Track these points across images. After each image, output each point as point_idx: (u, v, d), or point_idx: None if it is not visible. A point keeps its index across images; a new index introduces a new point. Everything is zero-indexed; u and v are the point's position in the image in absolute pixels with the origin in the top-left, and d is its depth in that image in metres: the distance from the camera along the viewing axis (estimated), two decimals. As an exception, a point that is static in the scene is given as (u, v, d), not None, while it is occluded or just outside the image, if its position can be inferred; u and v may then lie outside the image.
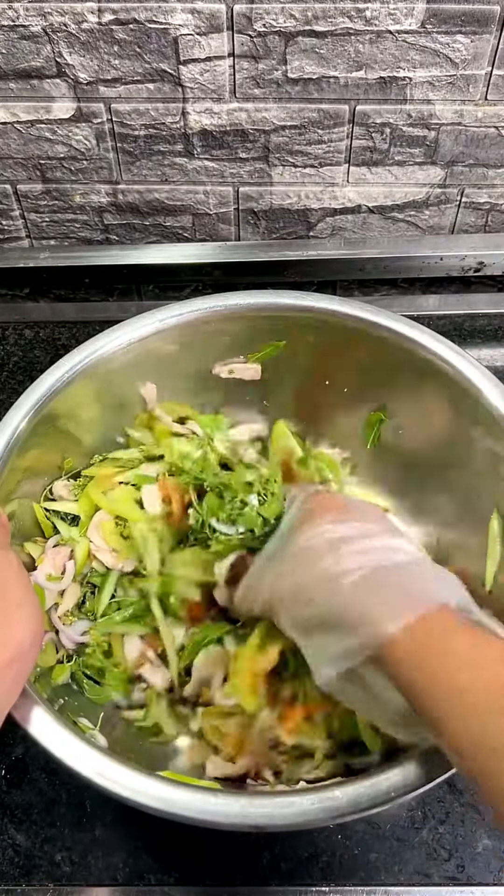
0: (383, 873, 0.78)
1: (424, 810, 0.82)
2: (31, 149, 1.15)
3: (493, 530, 0.84)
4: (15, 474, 0.81)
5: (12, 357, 1.24)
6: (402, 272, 1.25)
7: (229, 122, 1.12)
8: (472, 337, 1.27)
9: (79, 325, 1.28)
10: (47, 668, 0.81)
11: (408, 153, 1.16)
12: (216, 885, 0.78)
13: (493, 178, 1.19)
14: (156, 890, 0.78)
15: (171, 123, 1.12)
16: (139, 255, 1.23)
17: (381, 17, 1.00)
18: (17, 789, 0.84)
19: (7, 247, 1.29)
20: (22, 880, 0.78)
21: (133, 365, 0.93)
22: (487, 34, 1.02)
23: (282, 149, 1.15)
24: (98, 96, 1.09)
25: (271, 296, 0.94)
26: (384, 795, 0.61)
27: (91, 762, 0.63)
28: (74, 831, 0.81)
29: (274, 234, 1.27)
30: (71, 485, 0.91)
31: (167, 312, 0.92)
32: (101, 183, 1.20)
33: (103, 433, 0.96)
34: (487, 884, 0.78)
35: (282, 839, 0.80)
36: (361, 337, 0.92)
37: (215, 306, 0.93)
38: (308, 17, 1.00)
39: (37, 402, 0.84)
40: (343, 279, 1.29)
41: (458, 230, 1.27)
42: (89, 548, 0.85)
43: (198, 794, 0.62)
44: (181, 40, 1.03)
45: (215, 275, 1.23)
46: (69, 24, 1.01)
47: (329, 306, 0.93)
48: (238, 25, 1.01)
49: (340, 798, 0.61)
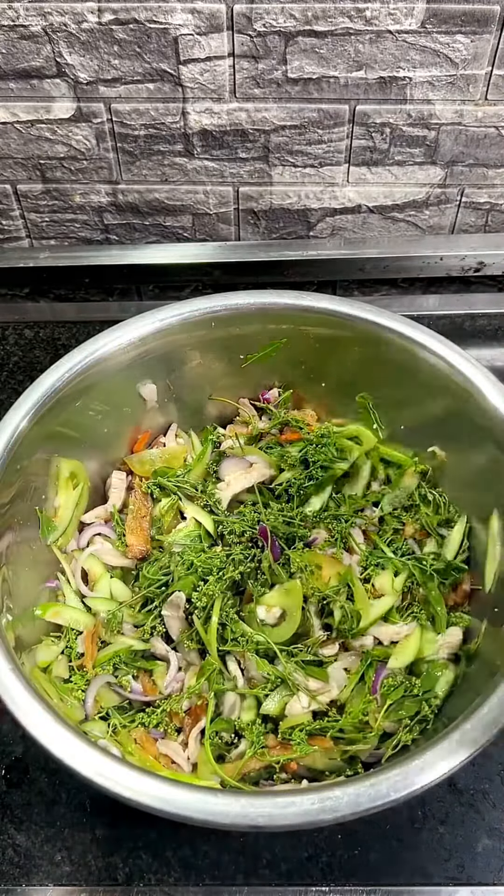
0: (383, 873, 0.78)
1: (424, 810, 0.81)
2: (31, 149, 1.15)
3: (493, 530, 0.84)
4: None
5: (12, 357, 1.24)
6: (402, 272, 1.25)
7: (229, 122, 1.12)
8: (472, 337, 1.27)
9: (79, 325, 1.28)
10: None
11: (408, 153, 1.16)
12: (216, 885, 0.78)
13: (493, 178, 1.19)
14: (156, 890, 0.78)
15: (171, 123, 1.12)
16: (139, 255, 1.23)
17: (381, 17, 1.00)
18: (17, 789, 0.84)
19: (7, 247, 1.29)
20: (22, 880, 0.78)
21: (133, 365, 0.93)
22: (487, 34, 1.02)
23: (282, 149, 1.15)
24: (98, 96, 1.09)
25: (271, 296, 0.94)
26: (384, 795, 0.61)
27: (91, 762, 0.63)
28: (74, 831, 0.81)
29: (274, 234, 1.27)
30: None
31: (167, 312, 0.92)
32: (101, 183, 1.20)
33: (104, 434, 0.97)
34: (487, 884, 0.78)
35: (282, 839, 0.80)
36: (361, 336, 0.93)
37: (215, 306, 0.93)
38: (308, 17, 1.00)
39: (37, 402, 0.84)
40: (343, 279, 1.29)
41: (458, 230, 1.27)
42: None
43: (198, 794, 0.62)
44: (181, 40, 1.03)
45: (215, 275, 1.23)
46: (69, 24, 1.01)
47: (329, 306, 0.93)
48: (238, 25, 1.01)
49: (340, 798, 0.61)
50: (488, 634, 0.81)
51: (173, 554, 0.89)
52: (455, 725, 0.65)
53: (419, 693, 0.81)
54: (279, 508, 0.92)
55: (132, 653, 0.85)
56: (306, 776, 0.79)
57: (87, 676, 0.83)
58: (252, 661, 0.81)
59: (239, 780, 0.76)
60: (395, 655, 0.84)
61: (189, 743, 0.80)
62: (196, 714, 0.82)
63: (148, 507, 0.95)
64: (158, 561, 0.90)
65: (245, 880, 0.78)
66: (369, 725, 0.79)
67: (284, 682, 0.80)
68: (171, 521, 0.95)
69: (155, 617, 0.87)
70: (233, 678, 0.82)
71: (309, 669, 0.81)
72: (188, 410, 1.04)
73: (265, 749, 0.78)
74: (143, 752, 0.79)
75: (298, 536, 0.89)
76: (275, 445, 0.99)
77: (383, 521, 0.97)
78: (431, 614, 0.87)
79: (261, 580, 0.86)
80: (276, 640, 0.82)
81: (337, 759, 0.78)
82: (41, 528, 0.88)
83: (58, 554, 0.90)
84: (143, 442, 1.01)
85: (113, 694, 0.84)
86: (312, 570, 0.86)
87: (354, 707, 0.80)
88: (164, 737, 0.82)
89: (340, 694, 0.82)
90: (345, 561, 0.90)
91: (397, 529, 0.95)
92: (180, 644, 0.85)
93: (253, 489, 0.96)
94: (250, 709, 0.81)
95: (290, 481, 0.95)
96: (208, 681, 0.81)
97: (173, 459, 1.00)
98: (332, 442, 0.98)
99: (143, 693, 0.84)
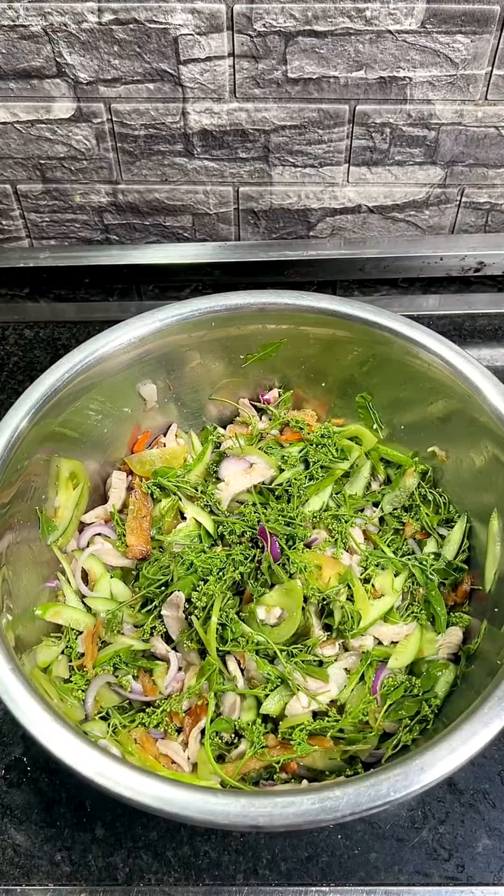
0: (383, 873, 0.78)
1: (424, 810, 0.81)
2: (31, 149, 1.15)
3: (493, 530, 0.84)
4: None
5: (12, 357, 1.24)
6: (402, 272, 1.25)
7: (229, 122, 1.12)
8: (472, 337, 1.27)
9: (79, 325, 1.28)
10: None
11: (408, 153, 1.16)
12: (216, 885, 0.78)
13: (493, 178, 1.19)
14: (156, 890, 0.78)
15: (171, 123, 1.12)
16: (139, 255, 1.23)
17: (381, 17, 1.00)
18: (17, 789, 0.84)
19: (7, 247, 1.29)
20: (22, 880, 0.78)
21: (133, 365, 0.93)
22: (487, 34, 1.02)
23: (282, 149, 1.15)
24: (98, 96, 1.09)
25: (271, 296, 0.94)
26: (384, 795, 0.61)
27: (91, 762, 0.63)
28: (74, 831, 0.81)
29: (274, 234, 1.27)
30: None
31: (167, 312, 0.92)
32: (101, 183, 1.20)
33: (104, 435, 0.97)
34: (487, 884, 0.78)
35: (282, 839, 0.80)
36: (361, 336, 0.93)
37: (215, 306, 0.93)
38: (308, 17, 1.00)
39: (37, 402, 0.84)
40: (343, 279, 1.29)
41: (458, 230, 1.27)
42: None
43: (198, 794, 0.62)
44: (181, 40, 1.03)
45: (215, 275, 1.23)
46: (69, 24, 1.01)
47: (329, 306, 0.93)
48: (238, 25, 1.01)
49: (340, 798, 0.61)
50: (488, 634, 0.81)
51: (174, 554, 0.89)
52: (455, 725, 0.65)
53: (419, 693, 0.81)
54: (279, 509, 0.92)
55: (132, 653, 0.85)
56: (306, 776, 0.79)
57: (88, 676, 0.83)
58: (252, 662, 0.81)
59: (239, 780, 0.76)
60: (395, 655, 0.84)
61: (189, 743, 0.80)
62: (196, 714, 0.82)
63: (148, 508, 0.95)
64: (158, 561, 0.90)
65: (245, 880, 0.78)
66: (369, 725, 0.79)
67: (284, 682, 0.80)
68: (171, 521, 0.95)
69: (155, 617, 0.87)
70: (233, 678, 0.82)
71: (309, 669, 0.81)
72: (188, 410, 1.04)
73: (265, 749, 0.78)
74: (143, 752, 0.79)
75: (298, 537, 0.89)
76: (275, 446, 0.99)
77: (383, 521, 0.97)
78: (431, 614, 0.87)
79: (261, 580, 0.86)
80: (276, 641, 0.82)
81: (337, 759, 0.78)
82: (41, 528, 0.88)
83: (58, 554, 0.90)
84: (144, 442, 1.01)
85: (113, 694, 0.84)
86: (312, 570, 0.86)
87: (354, 707, 0.80)
88: (164, 737, 0.82)
89: (340, 694, 0.82)
90: (345, 561, 0.90)
91: (397, 529, 0.95)
92: (180, 644, 0.85)
93: (253, 489, 0.96)
94: (250, 709, 0.81)
95: (291, 481, 0.95)
96: (208, 681, 0.81)
97: (173, 460, 1.00)
98: (333, 442, 0.98)
99: (143, 693, 0.84)
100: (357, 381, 0.99)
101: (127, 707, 0.85)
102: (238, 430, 1.03)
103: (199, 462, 1.00)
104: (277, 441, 1.01)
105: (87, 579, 0.92)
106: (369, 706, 0.80)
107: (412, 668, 0.85)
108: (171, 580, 0.87)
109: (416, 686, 0.81)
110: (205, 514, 0.93)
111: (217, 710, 0.81)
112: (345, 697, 0.82)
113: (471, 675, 0.80)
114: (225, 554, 0.88)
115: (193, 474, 0.99)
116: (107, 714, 0.82)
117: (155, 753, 0.80)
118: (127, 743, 0.79)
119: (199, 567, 0.86)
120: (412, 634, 0.86)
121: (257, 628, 0.83)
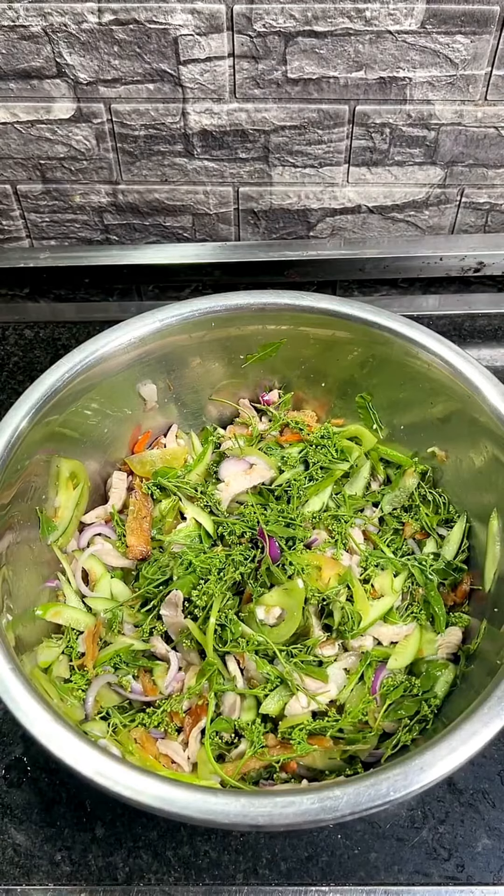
0: (383, 873, 0.78)
1: (424, 810, 0.82)
2: (31, 149, 1.15)
3: (492, 530, 0.84)
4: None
5: (12, 357, 1.24)
6: (402, 272, 1.25)
7: (229, 123, 1.12)
8: (471, 337, 1.27)
9: (79, 325, 1.28)
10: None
11: (408, 153, 1.16)
12: (216, 885, 0.78)
13: (492, 178, 1.19)
14: (156, 890, 0.78)
15: (171, 123, 1.12)
16: (139, 255, 1.23)
17: (380, 17, 1.00)
18: (17, 789, 0.84)
19: (7, 247, 1.29)
20: (22, 880, 0.78)
21: (133, 365, 0.93)
22: (487, 34, 1.02)
23: (282, 149, 1.15)
24: (98, 96, 1.09)
25: (271, 296, 0.94)
26: (384, 795, 0.61)
27: (91, 762, 0.63)
28: (74, 831, 0.81)
29: (274, 234, 1.27)
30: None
31: (167, 312, 0.92)
32: (101, 183, 1.20)
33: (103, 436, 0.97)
34: (487, 883, 0.78)
35: (282, 839, 0.80)
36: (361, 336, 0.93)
37: (215, 306, 0.93)
38: (308, 18, 1.00)
39: (37, 402, 0.84)
40: (343, 279, 1.30)
41: (457, 230, 1.27)
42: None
43: (198, 794, 0.62)
44: (181, 40, 1.03)
45: (215, 275, 1.24)
46: (69, 25, 1.01)
47: (329, 306, 0.93)
48: (238, 25, 1.01)
49: (340, 798, 0.61)
50: (488, 634, 0.81)
51: (174, 554, 0.89)
52: (455, 725, 0.66)
53: (419, 693, 0.81)
54: (279, 509, 0.92)
55: (132, 652, 0.85)
56: (306, 776, 0.79)
57: (88, 676, 0.83)
58: (252, 662, 0.81)
59: (239, 779, 0.76)
60: (395, 656, 0.84)
61: (189, 743, 0.80)
62: (196, 714, 0.82)
63: (148, 508, 0.95)
64: (158, 561, 0.90)
65: (245, 880, 0.78)
66: (369, 725, 0.79)
67: (284, 682, 0.80)
68: (171, 521, 0.95)
69: (154, 617, 0.87)
70: (232, 678, 0.82)
71: (308, 669, 0.81)
72: (188, 411, 1.04)
73: (265, 749, 0.78)
74: (143, 751, 0.79)
75: (298, 538, 0.89)
76: (275, 447, 0.99)
77: (383, 522, 0.97)
78: (431, 614, 0.87)
79: (260, 581, 0.86)
80: (276, 641, 0.82)
81: (337, 759, 0.78)
82: (41, 528, 0.88)
83: (58, 554, 0.90)
84: (144, 442, 1.01)
85: (113, 694, 0.84)
86: (311, 571, 0.86)
87: (354, 707, 0.80)
88: (164, 737, 0.82)
89: (340, 694, 0.82)
90: (344, 561, 0.90)
91: (397, 530, 0.95)
92: (180, 644, 0.85)
93: (253, 490, 0.96)
94: (250, 709, 0.81)
95: (290, 482, 0.95)
96: (208, 681, 0.81)
97: (174, 460, 1.00)
98: (332, 443, 0.98)
99: (144, 693, 0.84)
100: (357, 382, 0.99)
101: (127, 707, 0.85)
102: (238, 431, 1.03)
103: (199, 462, 1.00)
104: (277, 442, 1.01)
105: (87, 579, 0.92)
106: (369, 706, 0.80)
107: (412, 668, 0.85)
108: (170, 579, 0.87)
109: (415, 686, 0.81)
110: (205, 514, 0.93)
111: (217, 710, 0.81)
112: (344, 697, 0.82)
113: (470, 674, 0.80)
114: (224, 554, 0.88)
115: (193, 475, 0.99)
116: (107, 714, 0.82)
117: (155, 753, 0.80)
118: (127, 743, 0.79)
119: (198, 567, 0.86)
120: (412, 635, 0.86)
121: (257, 628, 0.83)
